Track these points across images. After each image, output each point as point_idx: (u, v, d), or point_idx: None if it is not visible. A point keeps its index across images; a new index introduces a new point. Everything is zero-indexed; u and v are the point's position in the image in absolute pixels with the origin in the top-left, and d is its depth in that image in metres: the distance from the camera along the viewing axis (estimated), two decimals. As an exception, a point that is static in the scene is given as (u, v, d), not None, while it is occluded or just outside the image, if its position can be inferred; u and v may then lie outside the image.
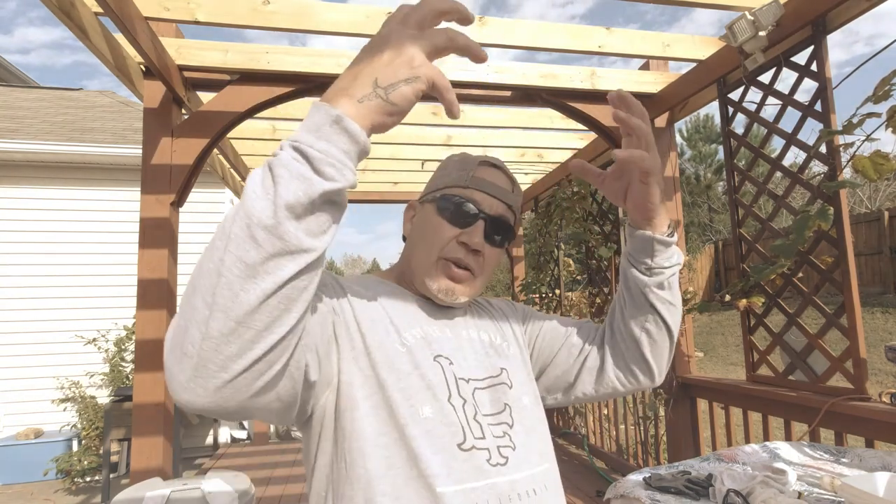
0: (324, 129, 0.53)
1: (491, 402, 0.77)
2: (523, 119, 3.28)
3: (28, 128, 5.39)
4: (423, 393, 0.70)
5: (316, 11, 2.10)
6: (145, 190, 2.17)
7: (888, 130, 1.49)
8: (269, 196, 0.50)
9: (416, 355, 0.74)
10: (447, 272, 0.80)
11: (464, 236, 0.79)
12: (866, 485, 0.91)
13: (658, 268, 0.83)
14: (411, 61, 0.54)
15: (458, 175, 0.83)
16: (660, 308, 0.85)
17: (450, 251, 0.79)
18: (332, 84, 0.60)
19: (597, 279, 3.67)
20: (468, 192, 0.81)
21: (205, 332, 0.48)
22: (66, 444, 4.61)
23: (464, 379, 0.76)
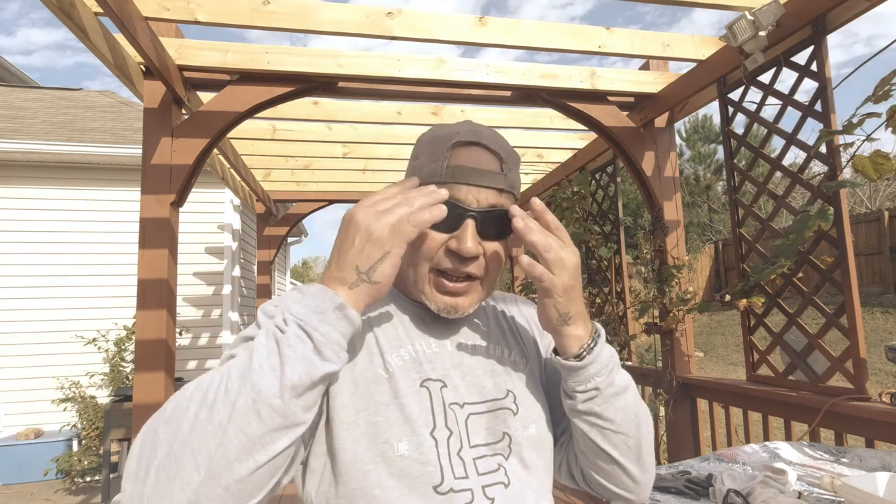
0: (327, 313, 0.56)
1: (487, 429, 0.69)
2: (523, 119, 3.28)
3: (28, 128, 5.39)
4: (400, 427, 0.64)
5: (316, 11, 2.10)
6: (145, 190, 2.17)
7: (888, 130, 1.49)
8: (275, 373, 0.52)
9: (400, 382, 0.67)
10: (441, 287, 0.70)
11: (453, 242, 0.68)
12: (866, 485, 0.91)
13: (572, 391, 0.69)
14: (380, 240, 0.58)
15: (431, 167, 0.70)
16: (589, 434, 0.70)
17: (440, 261, 0.69)
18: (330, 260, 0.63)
19: (597, 279, 3.67)
20: (447, 188, 0.67)
21: (189, 493, 0.49)
22: (66, 444, 4.61)
23: (457, 404, 0.68)
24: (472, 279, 0.71)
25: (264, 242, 5.00)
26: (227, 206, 5.44)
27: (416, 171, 0.73)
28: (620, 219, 3.43)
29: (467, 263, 0.69)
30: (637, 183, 2.78)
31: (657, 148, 2.74)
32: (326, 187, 4.74)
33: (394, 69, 2.41)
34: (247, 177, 3.93)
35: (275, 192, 4.76)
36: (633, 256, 3.21)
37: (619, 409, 0.69)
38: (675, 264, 2.58)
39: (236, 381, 0.52)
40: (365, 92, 2.55)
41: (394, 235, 0.58)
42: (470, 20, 2.24)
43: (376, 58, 2.40)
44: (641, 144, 2.70)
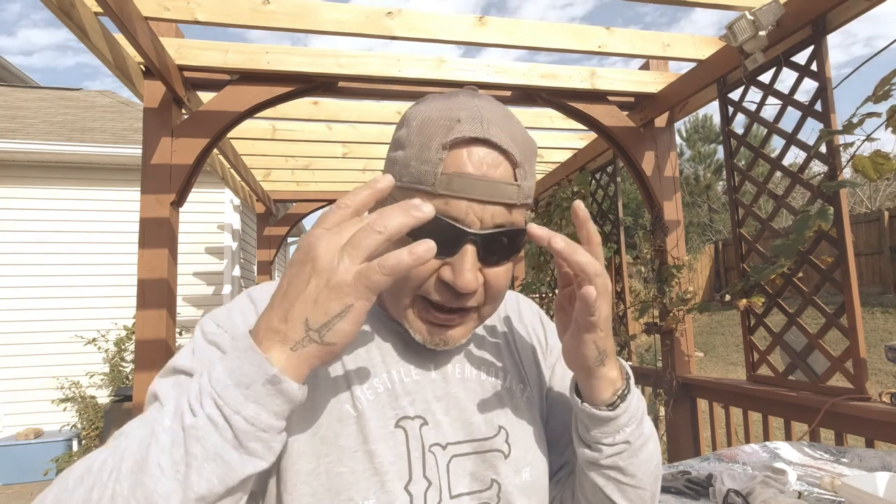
0: (255, 387, 0.42)
1: (472, 475, 0.59)
2: (523, 119, 3.28)
3: (28, 128, 5.40)
4: (367, 480, 0.53)
5: (316, 11, 2.11)
6: (145, 190, 2.17)
7: (888, 130, 1.49)
8: (178, 478, 0.40)
9: (370, 422, 0.55)
10: (428, 318, 0.57)
11: (446, 271, 0.53)
12: (866, 485, 0.91)
13: (596, 443, 0.58)
14: (340, 289, 0.42)
15: (419, 170, 0.53)
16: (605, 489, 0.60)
17: (428, 292, 0.55)
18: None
19: (597, 279, 3.67)
20: (439, 202, 0.52)
21: None
22: (66, 444, 4.61)
23: (439, 444, 0.58)
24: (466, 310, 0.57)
25: (264, 242, 5.00)
26: (227, 206, 5.44)
27: (398, 166, 0.56)
28: (620, 219, 3.43)
29: (463, 300, 0.55)
30: (637, 183, 2.78)
31: (657, 148, 2.74)
32: (326, 187, 4.74)
33: (394, 69, 2.41)
34: (247, 177, 3.93)
35: (275, 192, 4.76)
36: (633, 256, 3.21)
37: (643, 462, 0.60)
38: (675, 264, 2.58)
39: (126, 480, 0.40)
40: (365, 92, 2.55)
41: (358, 284, 0.42)
42: (470, 20, 2.24)
43: (376, 58, 2.41)
44: (641, 144, 2.70)
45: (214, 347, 0.56)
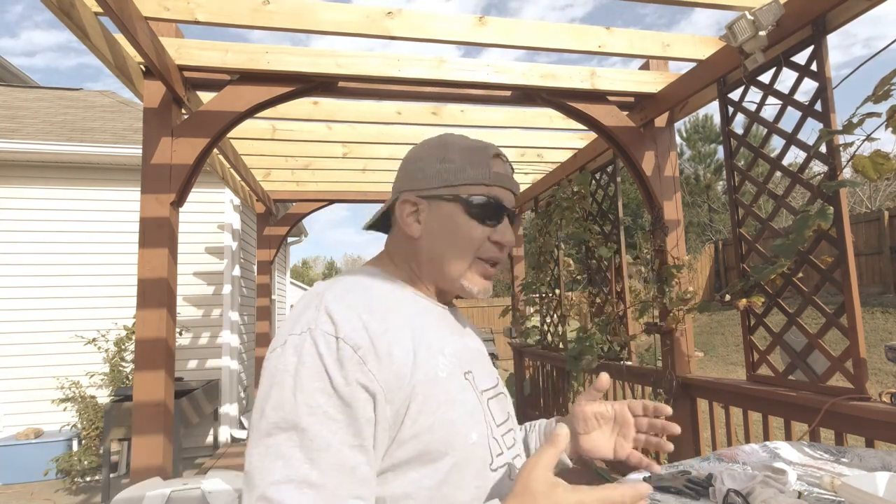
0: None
1: (499, 411, 0.78)
2: (523, 119, 3.28)
3: (28, 128, 5.40)
4: (469, 418, 0.70)
5: (316, 11, 2.11)
6: (145, 190, 2.17)
7: (888, 130, 1.49)
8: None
9: (455, 377, 0.72)
10: (483, 272, 0.79)
11: (496, 235, 0.79)
12: (866, 485, 0.91)
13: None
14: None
15: (476, 172, 0.78)
16: None
17: (485, 251, 0.79)
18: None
19: (597, 279, 3.67)
20: (493, 189, 0.79)
21: None
22: (66, 444, 4.61)
23: (482, 391, 0.76)
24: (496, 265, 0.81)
25: (264, 242, 5.00)
26: (227, 206, 5.44)
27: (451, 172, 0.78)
28: (620, 219, 3.43)
29: (506, 251, 0.81)
30: (637, 183, 2.78)
31: (657, 148, 2.74)
32: (326, 187, 4.74)
33: (394, 69, 2.41)
34: (247, 177, 3.93)
35: (275, 192, 4.76)
36: (633, 256, 3.21)
37: None
38: (675, 264, 2.58)
39: None
40: (365, 92, 2.55)
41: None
42: (470, 20, 2.24)
43: (376, 58, 2.40)
44: (641, 144, 2.70)
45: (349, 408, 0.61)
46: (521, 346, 4.79)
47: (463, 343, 0.80)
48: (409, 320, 0.71)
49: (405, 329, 0.68)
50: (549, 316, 4.32)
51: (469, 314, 17.31)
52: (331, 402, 0.59)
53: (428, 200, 0.78)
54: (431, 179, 0.78)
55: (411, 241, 0.79)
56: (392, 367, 0.63)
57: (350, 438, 0.58)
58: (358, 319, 0.64)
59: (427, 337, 0.71)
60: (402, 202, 0.79)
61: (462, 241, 0.77)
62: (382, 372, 0.62)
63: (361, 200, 4.87)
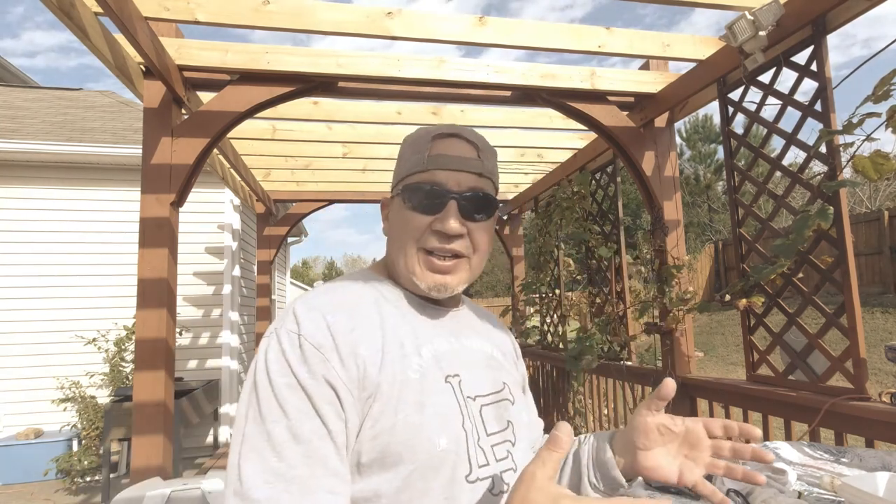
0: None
1: (496, 418, 0.73)
2: (523, 119, 3.28)
3: (28, 128, 5.40)
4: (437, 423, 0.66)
5: (316, 11, 2.11)
6: (145, 190, 2.17)
7: (888, 130, 1.49)
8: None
9: (429, 380, 0.68)
10: (430, 266, 0.74)
11: (437, 223, 0.72)
12: (866, 485, 0.91)
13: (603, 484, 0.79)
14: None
15: (414, 159, 0.76)
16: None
17: (426, 241, 0.73)
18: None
19: (597, 279, 3.67)
20: (428, 174, 0.73)
21: None
22: (66, 444, 4.61)
23: (471, 397, 0.71)
24: (458, 257, 0.75)
25: (264, 242, 5.00)
26: (227, 206, 5.44)
27: (401, 165, 0.78)
28: (620, 219, 3.43)
29: (452, 241, 0.73)
30: (637, 183, 2.78)
31: (657, 148, 2.74)
32: (326, 187, 4.74)
33: (394, 69, 2.41)
34: (247, 177, 3.93)
35: (275, 192, 4.76)
36: (633, 256, 3.21)
37: None
38: (675, 264, 2.57)
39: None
40: (365, 92, 2.55)
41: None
42: (470, 20, 2.24)
43: (376, 58, 2.40)
44: (641, 144, 2.70)
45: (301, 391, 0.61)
46: (521, 346, 4.79)
47: (459, 345, 0.76)
48: (383, 320, 0.69)
49: (375, 328, 0.68)
50: (549, 316, 4.32)
51: (469, 314, 17.29)
52: (296, 394, 0.60)
53: (391, 199, 0.81)
54: (395, 176, 0.81)
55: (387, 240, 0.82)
56: (356, 365, 0.63)
57: (318, 429, 0.59)
58: (322, 319, 0.64)
59: (400, 336, 0.69)
60: (381, 205, 0.84)
61: (402, 233, 0.75)
62: (346, 370, 0.62)
63: (361, 200, 4.87)
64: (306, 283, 21.27)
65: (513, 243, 5.34)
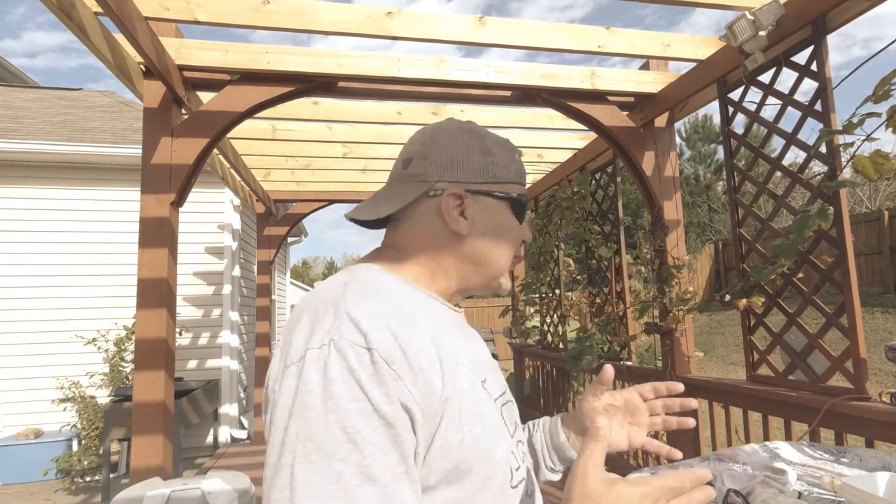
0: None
1: (510, 420, 0.73)
2: (523, 119, 3.28)
3: (28, 128, 5.40)
4: (493, 433, 0.65)
5: (316, 11, 2.11)
6: (145, 190, 2.17)
7: (888, 130, 1.49)
8: None
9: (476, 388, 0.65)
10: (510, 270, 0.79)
11: (523, 233, 0.78)
12: (866, 485, 0.91)
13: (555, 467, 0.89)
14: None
15: (516, 169, 0.76)
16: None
17: (518, 249, 0.79)
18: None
19: (597, 279, 3.67)
20: (523, 188, 0.78)
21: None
22: (66, 444, 4.61)
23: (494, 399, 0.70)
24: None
25: (264, 242, 5.00)
26: (227, 206, 5.44)
27: (498, 168, 0.73)
28: (620, 219, 3.43)
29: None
30: (637, 183, 2.78)
31: (657, 148, 2.74)
32: (326, 187, 4.74)
33: (394, 69, 2.41)
34: (247, 177, 3.93)
35: (275, 192, 4.76)
36: (633, 256, 3.21)
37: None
38: (675, 264, 2.58)
39: None
40: (365, 92, 2.55)
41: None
42: (470, 20, 2.24)
43: (376, 58, 2.41)
44: (641, 144, 2.70)
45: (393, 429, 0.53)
46: (521, 347, 4.79)
47: (475, 349, 0.74)
48: (429, 327, 0.62)
49: (427, 337, 0.60)
50: (549, 316, 4.32)
51: (469, 314, 17.32)
52: (371, 424, 0.50)
53: (475, 196, 0.71)
54: (479, 173, 0.72)
55: (452, 238, 0.71)
56: (424, 381, 0.56)
57: (395, 466, 0.51)
58: (387, 328, 0.56)
59: (447, 345, 0.63)
60: (448, 196, 0.70)
61: (510, 240, 0.75)
62: (417, 387, 0.54)
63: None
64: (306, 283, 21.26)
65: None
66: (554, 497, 0.87)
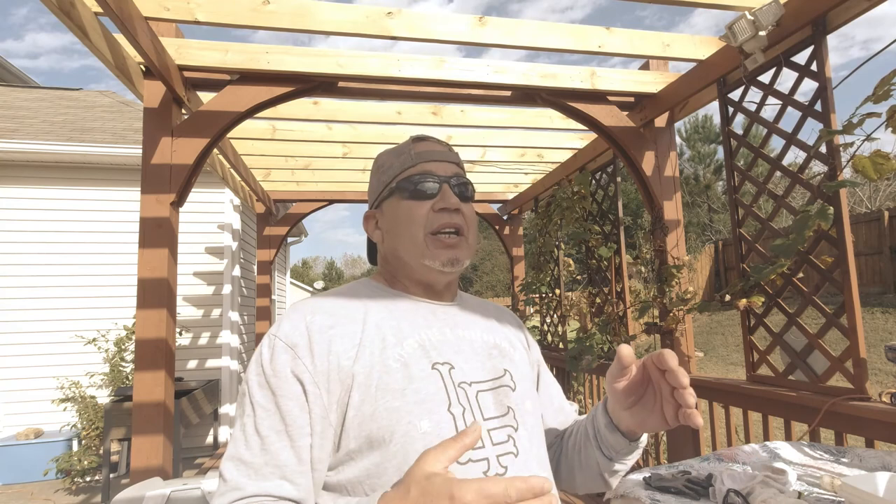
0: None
1: (494, 404, 0.76)
2: (523, 119, 3.28)
3: (28, 128, 5.39)
4: (418, 407, 0.70)
5: (316, 11, 2.11)
6: (145, 190, 2.17)
7: (888, 130, 1.49)
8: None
9: (412, 368, 0.73)
10: (439, 245, 0.81)
11: (438, 202, 0.81)
12: (866, 485, 0.91)
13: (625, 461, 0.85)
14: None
15: (400, 161, 0.86)
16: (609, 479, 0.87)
17: (432, 222, 0.81)
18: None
19: (597, 279, 3.67)
20: (419, 167, 0.84)
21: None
22: (66, 444, 4.61)
23: (465, 383, 0.75)
24: (459, 234, 0.82)
25: (264, 242, 5.00)
26: (227, 206, 5.44)
27: (384, 173, 0.87)
28: (620, 219, 3.43)
29: (454, 217, 0.82)
30: (637, 183, 2.78)
31: (657, 148, 2.74)
32: (326, 187, 4.74)
33: (394, 69, 2.41)
34: (247, 177, 3.93)
35: (275, 192, 4.76)
36: (633, 256, 3.21)
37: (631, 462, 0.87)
38: (675, 264, 2.58)
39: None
40: (365, 92, 2.55)
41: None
42: (470, 20, 2.24)
43: (376, 57, 2.41)
44: (641, 144, 2.70)
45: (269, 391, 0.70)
46: (521, 346, 4.78)
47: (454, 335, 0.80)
48: (366, 318, 0.76)
49: (355, 325, 0.75)
50: (549, 316, 4.32)
51: (469, 314, 17.30)
52: (262, 392, 0.69)
53: (379, 208, 0.88)
54: (375, 190, 0.89)
55: (380, 247, 0.89)
56: (329, 358, 0.70)
57: (276, 424, 0.68)
58: (302, 320, 0.73)
59: (383, 331, 0.75)
60: (364, 221, 0.90)
61: (406, 223, 0.81)
62: (315, 365, 0.70)
63: (361, 200, 4.87)
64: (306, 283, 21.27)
65: (513, 243, 5.34)
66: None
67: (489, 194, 5.10)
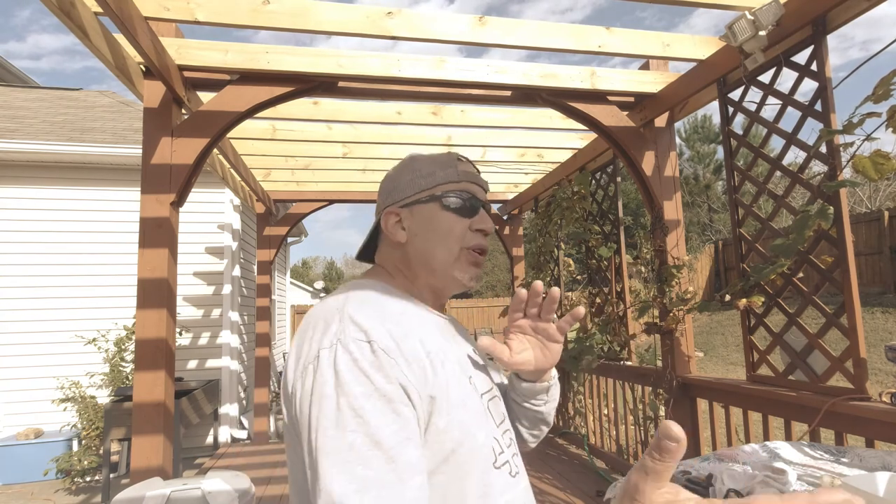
0: None
1: (497, 412, 0.81)
2: (523, 119, 3.28)
3: (28, 128, 5.40)
4: (476, 419, 0.73)
5: (316, 11, 2.11)
6: (145, 190, 2.17)
7: (888, 130, 1.49)
8: None
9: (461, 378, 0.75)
10: (471, 260, 0.85)
11: (476, 224, 0.85)
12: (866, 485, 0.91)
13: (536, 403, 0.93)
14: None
15: (445, 173, 0.87)
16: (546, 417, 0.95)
17: (469, 240, 0.85)
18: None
19: (597, 279, 3.67)
20: (463, 185, 0.87)
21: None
22: (66, 444, 4.61)
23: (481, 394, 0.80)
24: (484, 253, 0.87)
25: (264, 242, 5.00)
26: (227, 206, 5.44)
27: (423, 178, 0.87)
28: (620, 219, 3.43)
29: (485, 239, 0.88)
30: (637, 183, 2.78)
31: (657, 148, 2.74)
32: (326, 187, 4.74)
33: (394, 69, 2.41)
34: (247, 177, 3.93)
35: (275, 192, 4.76)
36: (633, 256, 3.21)
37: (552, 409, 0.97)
38: (675, 264, 2.58)
39: None
40: (365, 92, 2.55)
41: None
42: (470, 21, 2.24)
43: (376, 58, 2.40)
44: (641, 144, 2.70)
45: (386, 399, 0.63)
46: (521, 346, 4.78)
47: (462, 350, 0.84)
48: (416, 328, 0.73)
49: (415, 336, 0.71)
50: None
51: (470, 314, 17.31)
52: (373, 402, 0.60)
53: (408, 208, 0.86)
54: (406, 190, 0.87)
55: (400, 248, 0.86)
56: (418, 368, 0.66)
57: (398, 433, 0.60)
58: (382, 326, 0.67)
59: (432, 344, 0.73)
60: (385, 216, 0.86)
61: (445, 233, 0.83)
62: (412, 372, 0.65)
63: (361, 200, 4.87)
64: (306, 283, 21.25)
65: (513, 243, 5.34)
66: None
67: (489, 194, 5.10)
